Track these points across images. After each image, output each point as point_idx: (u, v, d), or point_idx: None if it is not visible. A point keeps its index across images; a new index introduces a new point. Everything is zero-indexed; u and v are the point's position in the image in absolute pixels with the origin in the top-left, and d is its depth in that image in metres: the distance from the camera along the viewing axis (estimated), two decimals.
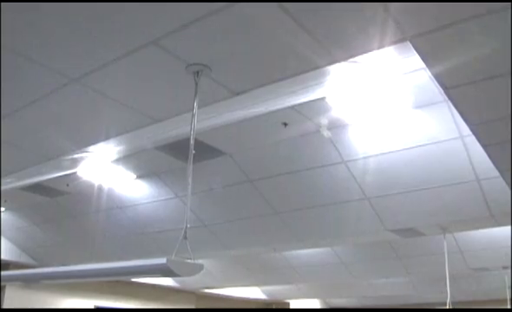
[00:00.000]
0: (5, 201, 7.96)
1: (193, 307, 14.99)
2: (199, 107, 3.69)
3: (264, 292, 16.70)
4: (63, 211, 8.41)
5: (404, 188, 5.96)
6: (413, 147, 5.40)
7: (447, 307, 6.90)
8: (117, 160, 5.97)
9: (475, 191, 5.70)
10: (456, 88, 3.16)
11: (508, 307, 11.24)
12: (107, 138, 4.80)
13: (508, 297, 11.15)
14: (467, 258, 9.65)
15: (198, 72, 3.52)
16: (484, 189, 5.64)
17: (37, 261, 10.36)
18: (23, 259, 10.23)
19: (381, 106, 4.96)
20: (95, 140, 4.88)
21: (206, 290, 14.68)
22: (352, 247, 10.42)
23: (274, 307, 17.96)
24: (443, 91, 3.32)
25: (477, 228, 8.00)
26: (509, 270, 10.38)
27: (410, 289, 14.52)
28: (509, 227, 7.27)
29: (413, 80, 4.41)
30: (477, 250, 9.46)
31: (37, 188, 7.18)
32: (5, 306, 10.73)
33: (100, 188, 7.14)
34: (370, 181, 5.95)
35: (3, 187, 6.23)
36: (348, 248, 10.45)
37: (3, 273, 5.31)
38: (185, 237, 3.52)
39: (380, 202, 6.30)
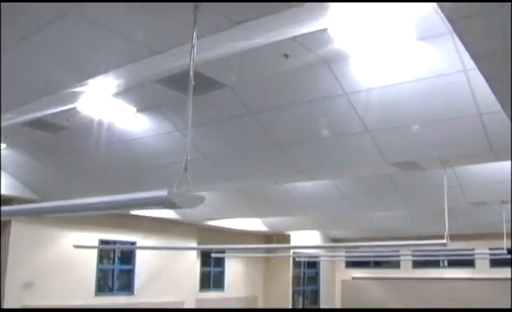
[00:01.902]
0: (6, 138, 7.95)
1: (194, 238, 15.25)
2: (198, 38, 3.62)
3: (265, 224, 16.95)
4: (64, 147, 8.42)
5: (406, 121, 5.94)
6: (415, 80, 5.34)
7: (445, 240, 6.99)
8: (117, 94, 5.91)
9: (476, 126, 5.67)
10: (462, 20, 3.08)
11: (504, 241, 11.41)
12: (106, 71, 4.74)
13: (505, 231, 11.31)
14: (466, 192, 9.73)
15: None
16: (486, 123, 5.61)
17: (40, 196, 10.48)
18: (26, 194, 10.35)
19: (384, 38, 4.87)
20: (94, 73, 4.82)
21: (208, 222, 14.89)
22: (353, 180, 10.48)
23: (275, 238, 18.28)
24: (447, 22, 3.24)
25: (477, 162, 8.03)
26: (508, 205, 10.48)
27: (408, 221, 14.73)
28: (509, 162, 7.29)
29: (417, 11, 4.30)
30: (477, 184, 9.53)
31: (38, 124, 7.16)
32: (12, 241, 10.94)
33: (100, 122, 7.12)
34: (371, 114, 5.92)
35: (3, 123, 6.20)
36: (348, 181, 10.51)
37: (7, 208, 5.37)
38: (186, 170, 3.52)
39: (381, 135, 6.29)
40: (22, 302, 11.00)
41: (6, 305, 10.75)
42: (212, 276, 17.13)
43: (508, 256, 12.28)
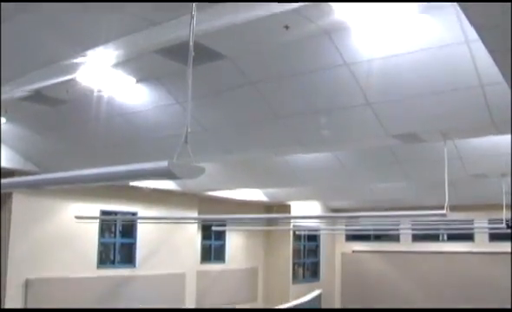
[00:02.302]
0: (6, 112, 7.93)
1: (195, 209, 15.31)
2: (198, 10, 3.58)
3: (265, 194, 17.01)
4: (64, 119, 8.40)
5: (407, 93, 5.91)
6: (417, 51, 5.30)
7: (444, 210, 7.01)
8: (116, 65, 5.88)
9: (478, 98, 5.65)
10: None
11: (504, 213, 11.44)
12: (105, 41, 4.71)
13: (504, 203, 11.34)
14: (466, 165, 9.73)
15: None
16: (487, 96, 5.58)
17: (41, 168, 10.48)
18: (27, 167, 10.37)
19: (385, 9, 4.82)
20: (93, 44, 4.79)
21: (209, 193, 14.94)
22: (353, 151, 10.49)
23: (275, 208, 18.36)
24: None
25: (478, 135, 8.03)
26: (508, 178, 10.50)
27: (409, 193, 14.78)
28: (510, 135, 7.28)
29: None
30: (477, 156, 9.53)
31: (37, 97, 7.13)
32: (14, 214, 10.99)
33: (100, 94, 7.09)
34: (372, 85, 5.89)
35: (2, 96, 6.18)
36: (349, 152, 10.52)
37: (8, 180, 5.37)
38: (186, 141, 3.52)
39: (382, 107, 6.27)
40: (25, 275, 11.09)
41: (9, 278, 10.85)
42: (213, 249, 17.26)
43: (508, 231, 12.33)
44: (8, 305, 10.77)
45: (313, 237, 21.08)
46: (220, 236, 17.42)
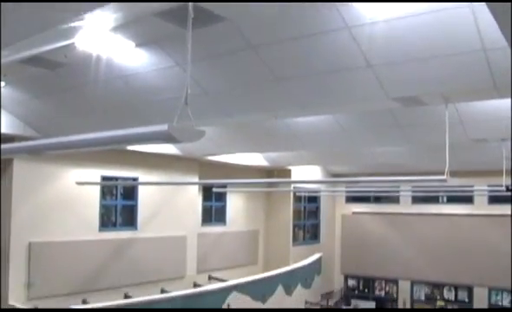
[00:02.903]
0: (5, 75, 7.88)
1: (195, 174, 15.35)
2: None
3: (266, 159, 17.05)
4: (64, 83, 8.35)
5: (409, 56, 5.86)
6: (420, 14, 5.23)
7: (445, 176, 7.03)
8: (115, 28, 5.81)
9: (480, 61, 5.60)
10: None
11: (504, 178, 11.47)
12: (103, 4, 4.64)
13: (504, 168, 11.35)
14: (467, 129, 9.71)
15: None
16: (490, 59, 5.54)
17: (41, 133, 10.48)
18: (27, 132, 10.35)
19: None
20: (90, 7, 4.71)
21: (209, 158, 14.96)
22: (354, 115, 10.46)
23: (276, 172, 18.41)
24: None
25: (480, 99, 7.99)
26: (508, 142, 10.49)
27: (409, 157, 14.79)
28: (511, 99, 7.25)
29: None
30: (478, 121, 9.50)
31: (36, 61, 7.07)
32: (15, 179, 11.02)
33: (99, 58, 7.03)
34: (373, 48, 5.83)
35: (1, 60, 6.12)
36: (349, 116, 10.49)
37: (9, 145, 5.37)
38: (186, 103, 3.50)
39: (384, 70, 6.22)
40: (28, 239, 11.18)
41: (13, 242, 10.96)
42: (213, 211, 17.37)
43: (508, 194, 12.37)
44: (12, 268, 10.88)
45: (313, 199, 21.21)
46: (221, 198, 17.52)
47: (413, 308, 10.95)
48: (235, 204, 18.14)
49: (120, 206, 13.73)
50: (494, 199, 18.37)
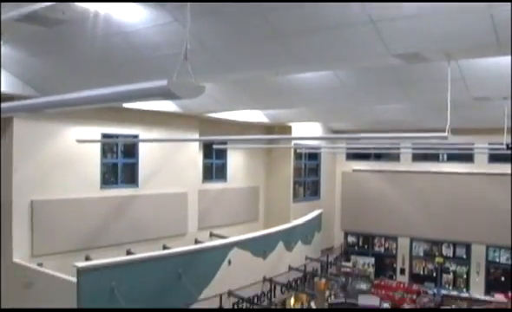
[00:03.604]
0: (3, 34, 7.77)
1: (196, 131, 15.33)
2: None
3: (266, 115, 17.02)
4: (62, 41, 8.24)
5: (411, 11, 5.77)
6: None
7: (446, 133, 7.01)
8: None
9: (484, 17, 5.52)
10: None
11: (505, 136, 11.45)
12: None
13: (505, 127, 11.32)
14: (469, 86, 9.65)
15: None
16: (494, 15, 5.45)
17: (40, 92, 10.40)
18: (27, 91, 10.26)
19: None
20: None
21: (209, 114, 14.92)
22: (355, 72, 10.39)
23: (276, 129, 18.41)
24: None
25: (482, 56, 7.91)
26: (510, 101, 10.44)
27: (410, 114, 14.76)
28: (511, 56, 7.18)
29: None
30: (480, 78, 9.43)
31: (34, 18, 6.96)
32: (15, 138, 11.00)
33: (97, 14, 6.93)
34: (375, 3, 5.74)
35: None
36: (350, 72, 10.42)
37: (8, 104, 5.34)
38: (185, 58, 3.47)
39: (386, 25, 6.14)
40: (30, 197, 11.24)
41: (15, 200, 11.01)
42: (214, 168, 17.41)
43: (508, 152, 12.38)
44: (15, 227, 10.97)
45: (314, 156, 21.27)
46: (222, 155, 17.55)
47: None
48: (236, 160, 18.18)
49: (120, 164, 13.76)
50: (494, 158, 18.43)
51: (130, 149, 14.05)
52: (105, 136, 13.01)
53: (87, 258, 11.66)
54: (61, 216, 11.77)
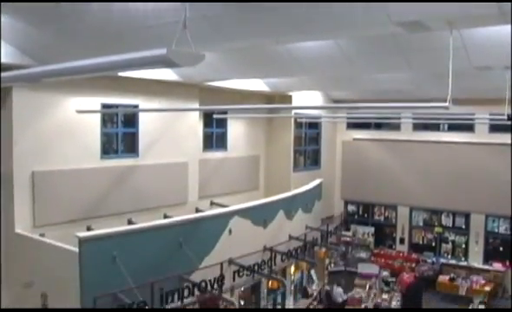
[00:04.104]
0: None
1: (196, 100, 15.28)
2: None
3: (267, 84, 16.95)
4: (61, 10, 8.15)
5: None
6: None
7: (447, 103, 6.98)
8: None
9: None
10: None
11: (506, 106, 11.38)
12: None
13: (507, 97, 11.25)
14: (471, 55, 9.58)
15: None
16: None
17: (39, 62, 10.31)
18: (25, 61, 10.17)
19: None
20: None
21: (210, 83, 14.85)
22: (356, 40, 10.31)
23: (277, 98, 18.34)
24: None
25: (485, 25, 7.81)
26: (510, 70, 10.37)
27: (411, 84, 14.69)
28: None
29: None
30: (482, 47, 9.36)
31: None
32: (15, 108, 10.95)
33: None
34: None
35: None
36: (351, 41, 10.34)
37: (7, 74, 5.31)
38: (184, 26, 3.44)
39: None
40: (31, 168, 11.25)
41: (16, 172, 11.01)
42: (214, 137, 17.40)
43: (509, 123, 12.33)
44: (17, 198, 11.00)
45: (314, 125, 21.25)
46: (222, 124, 17.52)
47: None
48: (236, 130, 18.15)
49: (121, 134, 13.74)
50: (494, 128, 18.41)
51: (130, 119, 14.01)
52: (105, 106, 12.95)
53: (88, 228, 11.72)
54: (62, 186, 11.80)
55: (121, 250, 9.47)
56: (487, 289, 17.90)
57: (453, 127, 19.89)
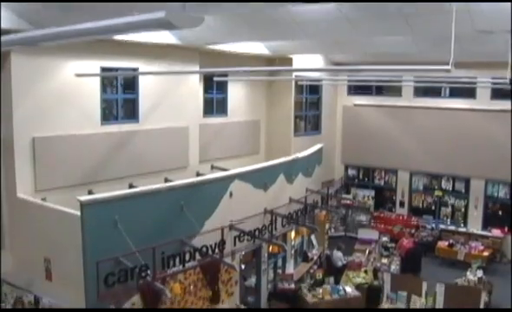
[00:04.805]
0: None
1: (196, 63, 15.18)
2: None
3: (267, 47, 16.84)
4: None
5: None
6: None
7: (449, 66, 6.93)
8: None
9: None
10: None
11: (509, 70, 11.30)
12: None
13: (509, 61, 11.16)
14: (474, 19, 9.49)
15: None
16: None
17: (35, 26, 10.19)
18: (22, 26, 10.05)
19: None
20: None
21: (210, 47, 14.73)
22: (358, 4, 10.19)
23: (277, 61, 18.23)
24: None
25: None
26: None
27: (413, 47, 14.55)
28: None
29: None
30: (485, 11, 9.27)
31: None
32: (14, 74, 10.86)
33: None
34: None
35: None
36: (352, 4, 10.23)
37: (6, 37, 5.25)
38: None
39: None
40: (32, 134, 11.24)
41: (16, 138, 11.02)
42: (215, 102, 17.35)
43: (509, 87, 12.26)
44: (18, 164, 11.04)
45: (315, 89, 21.18)
46: (222, 88, 17.47)
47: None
48: (236, 94, 18.09)
49: (121, 99, 13.70)
50: (496, 94, 18.34)
51: (130, 84, 13.95)
52: (104, 70, 12.88)
53: (89, 192, 11.76)
54: (62, 152, 11.83)
55: (123, 214, 9.52)
56: (485, 254, 18.05)
57: (454, 93, 19.79)
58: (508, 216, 19.10)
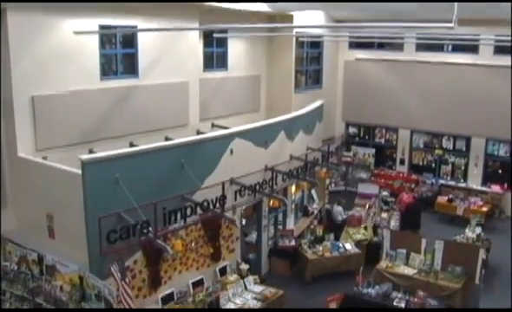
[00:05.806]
0: None
1: (196, 20, 14.95)
2: None
3: (267, 5, 16.60)
4: None
5: None
6: None
7: (452, 23, 6.78)
8: None
9: None
10: None
11: (511, 28, 11.15)
12: None
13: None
14: None
15: None
16: None
17: None
18: None
19: None
20: None
21: (209, 4, 14.48)
22: None
23: (278, 17, 18.00)
24: None
25: None
26: None
27: (414, 3, 14.31)
28: None
29: None
30: None
31: None
32: (11, 31, 10.66)
33: None
34: None
35: None
36: None
37: None
38: None
39: None
40: (31, 93, 11.13)
41: (15, 96, 10.89)
42: (215, 56, 17.17)
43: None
44: (18, 123, 10.95)
45: (316, 45, 20.97)
46: (222, 43, 17.25)
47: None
48: (237, 49, 17.88)
49: (120, 55, 13.53)
50: (499, 50, 18.14)
51: (130, 40, 13.75)
52: (103, 27, 12.66)
53: (90, 151, 11.76)
54: (62, 110, 11.74)
55: (124, 172, 9.57)
56: (484, 209, 18.18)
57: (457, 48, 19.57)
58: (507, 174, 19.19)
